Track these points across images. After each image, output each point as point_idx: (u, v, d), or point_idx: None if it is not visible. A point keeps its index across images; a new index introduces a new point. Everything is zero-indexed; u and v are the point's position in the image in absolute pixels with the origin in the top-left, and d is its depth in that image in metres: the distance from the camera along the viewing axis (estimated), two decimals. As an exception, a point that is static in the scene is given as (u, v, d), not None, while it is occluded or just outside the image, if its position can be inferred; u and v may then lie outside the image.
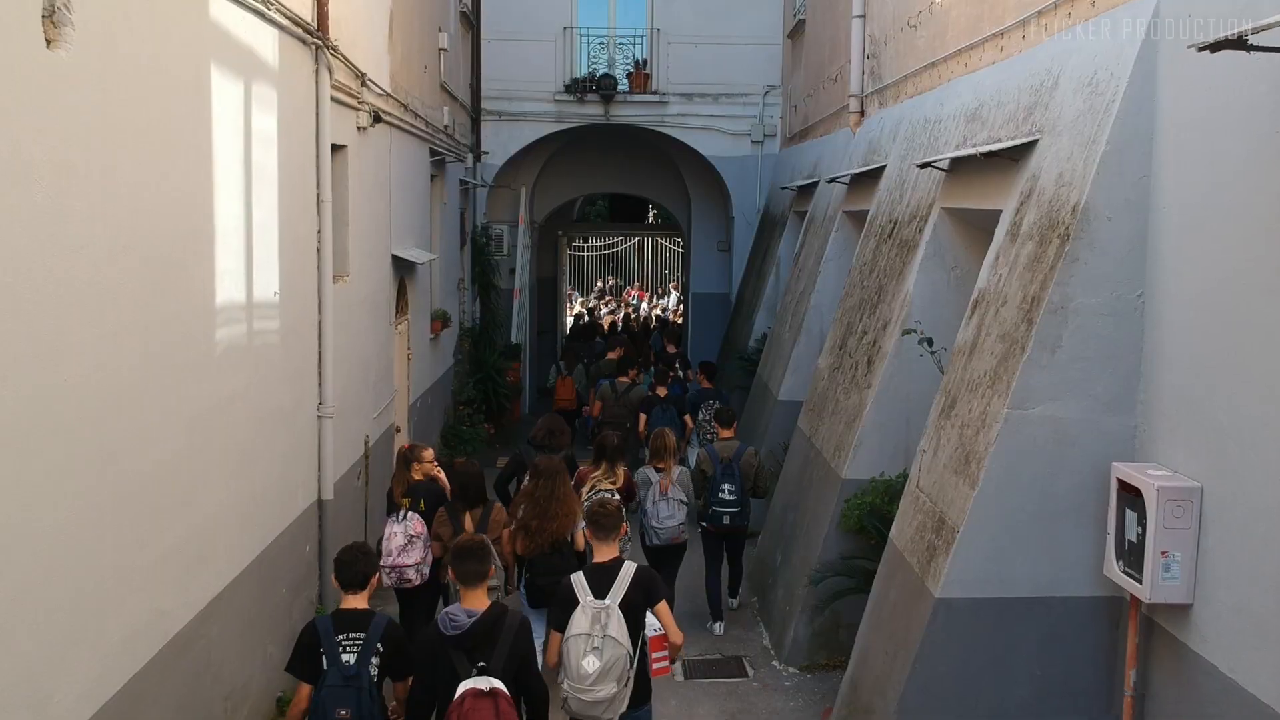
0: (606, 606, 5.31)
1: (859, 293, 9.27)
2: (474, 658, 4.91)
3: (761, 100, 18.11)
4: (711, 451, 9.07)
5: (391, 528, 7.25)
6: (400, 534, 7.19)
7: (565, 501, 7.08)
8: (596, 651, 5.24)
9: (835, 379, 9.12)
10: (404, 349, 11.80)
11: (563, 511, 7.02)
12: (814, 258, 11.94)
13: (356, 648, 4.98)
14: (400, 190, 11.30)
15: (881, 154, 10.10)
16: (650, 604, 5.49)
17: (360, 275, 9.40)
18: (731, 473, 8.82)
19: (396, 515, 7.32)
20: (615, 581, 5.41)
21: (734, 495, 8.80)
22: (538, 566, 7.01)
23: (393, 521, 7.30)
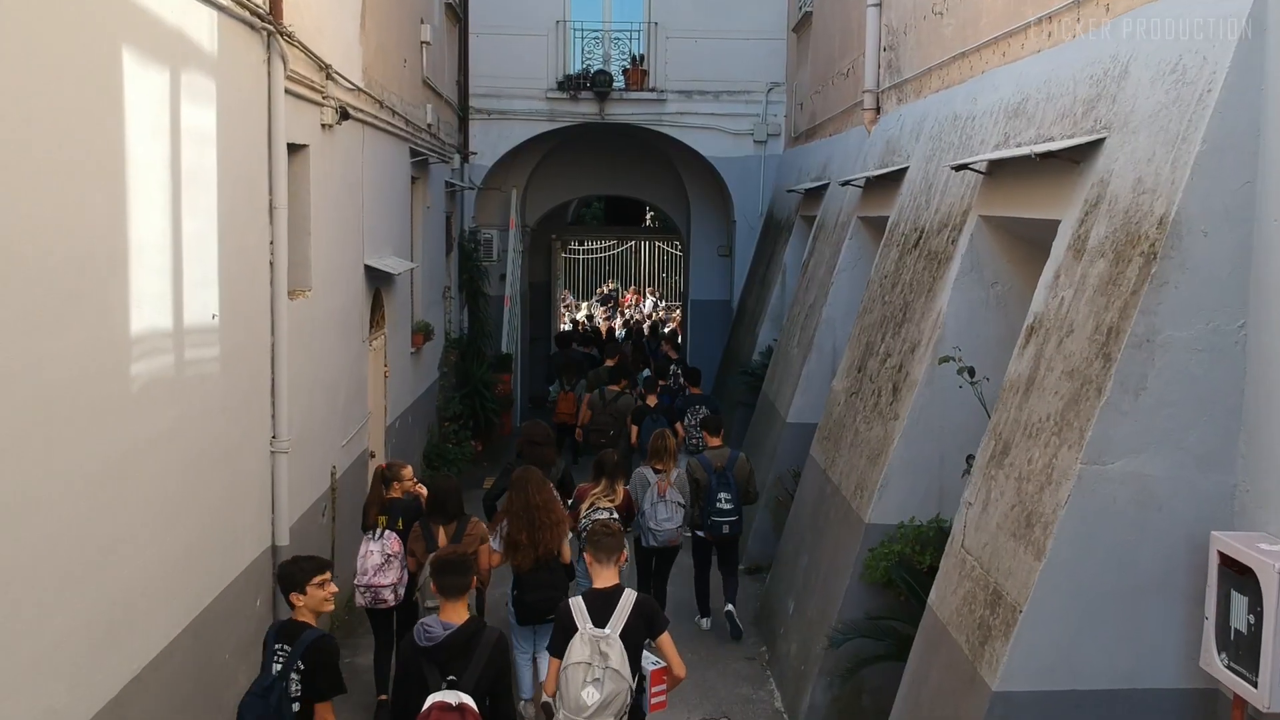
0: (607, 636, 5.14)
1: (880, 309, 8.33)
2: (446, 671, 4.83)
3: (764, 98, 17.17)
4: (704, 460, 8.92)
5: (368, 546, 7.08)
6: (377, 552, 7.04)
7: (550, 510, 6.89)
8: (597, 683, 5.07)
9: (854, 405, 8.18)
10: (380, 366, 10.85)
11: (549, 522, 6.84)
12: (825, 267, 11.00)
13: (283, 659, 4.85)
14: (375, 194, 10.35)
15: (902, 154, 9.17)
16: (652, 635, 5.31)
17: (325, 289, 8.45)
18: (727, 481, 8.74)
19: (373, 533, 7.13)
20: (616, 609, 5.23)
21: (732, 504, 8.74)
22: (526, 583, 6.81)
23: (369, 539, 7.11)
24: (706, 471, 8.83)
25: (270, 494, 7.11)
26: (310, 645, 4.88)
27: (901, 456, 6.87)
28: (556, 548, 6.87)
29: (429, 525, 6.97)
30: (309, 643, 4.88)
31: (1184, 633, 4.43)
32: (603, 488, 7.84)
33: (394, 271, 10.28)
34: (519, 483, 7.03)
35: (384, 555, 7.01)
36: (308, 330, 7.94)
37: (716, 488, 8.74)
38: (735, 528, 8.86)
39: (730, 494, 8.74)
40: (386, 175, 10.95)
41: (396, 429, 11.65)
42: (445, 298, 15.27)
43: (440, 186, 14.66)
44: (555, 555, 6.89)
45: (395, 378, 11.52)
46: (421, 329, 12.81)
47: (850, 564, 7.03)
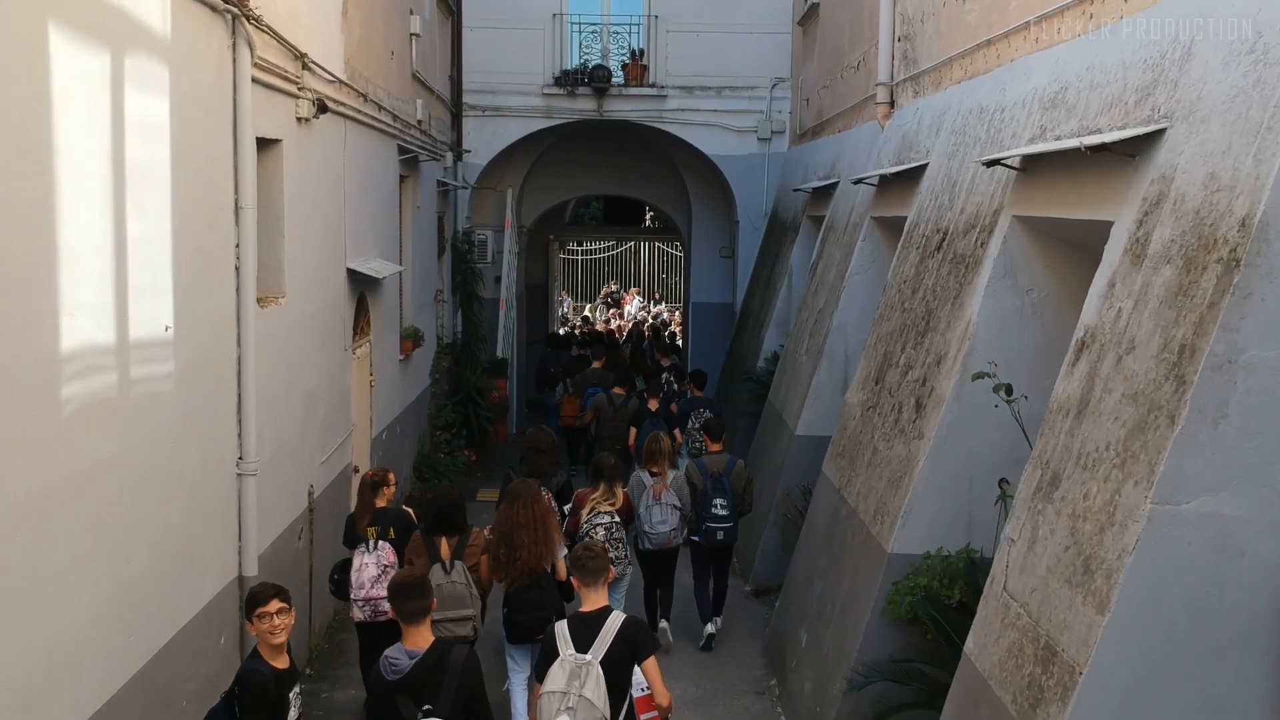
0: (588, 662, 4.99)
1: (898, 316, 7.74)
2: (420, 700, 4.70)
3: (769, 94, 16.57)
4: (701, 465, 8.78)
5: (362, 559, 6.84)
6: (373, 565, 6.82)
7: (534, 529, 6.62)
8: (570, 712, 4.92)
9: (871, 421, 7.58)
10: (365, 375, 10.25)
11: (531, 539, 6.59)
12: (836, 270, 10.41)
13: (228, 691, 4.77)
14: (359, 193, 9.75)
15: (920, 150, 8.57)
16: (637, 659, 5.12)
17: (301, 295, 7.85)
18: (723, 487, 8.61)
19: (366, 545, 6.88)
20: (600, 634, 5.07)
21: (727, 510, 8.59)
22: (514, 601, 6.65)
23: (362, 552, 6.87)
24: (703, 476, 8.67)
25: (237, 520, 6.52)
26: (237, 677, 4.78)
27: (927, 479, 6.26)
28: (540, 565, 6.64)
29: (431, 538, 6.70)
30: (240, 674, 4.77)
31: (1269, 695, 3.83)
32: (602, 492, 7.71)
33: (379, 275, 9.68)
34: (510, 496, 6.88)
35: (380, 567, 6.81)
36: (281, 339, 7.34)
37: (712, 493, 8.58)
38: (730, 534, 8.69)
39: (726, 500, 8.57)
40: (372, 173, 10.36)
41: (384, 441, 11.05)
42: (437, 301, 14.68)
43: (432, 186, 14.06)
44: (546, 573, 6.71)
45: (382, 386, 10.93)
46: (411, 335, 12.22)
47: (871, 597, 6.43)
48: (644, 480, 8.38)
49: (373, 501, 7.12)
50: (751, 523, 10.61)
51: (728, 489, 8.63)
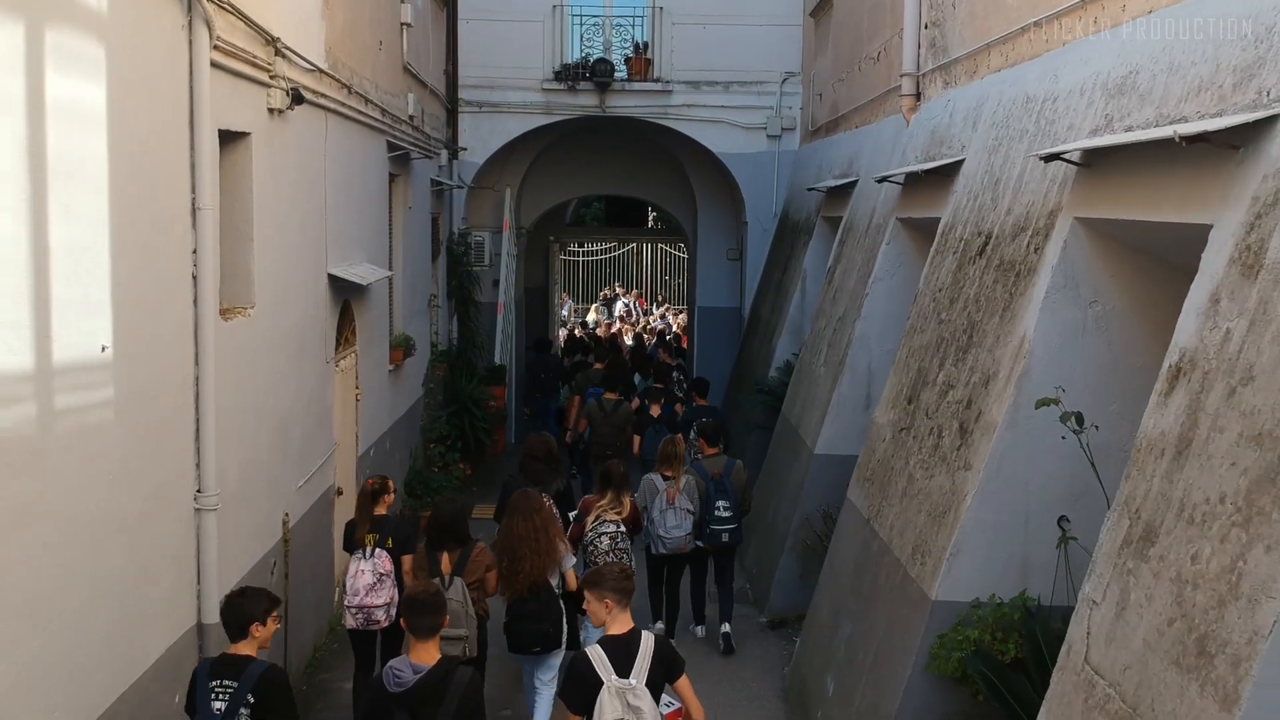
0: (634, 688, 4.87)
1: (934, 328, 6.99)
2: (417, 717, 4.68)
3: (779, 89, 15.83)
4: (700, 469, 8.72)
5: (358, 565, 6.78)
6: (368, 572, 6.74)
7: (535, 540, 6.61)
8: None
9: (904, 444, 6.84)
10: (349, 389, 9.51)
11: (533, 551, 6.59)
12: (856, 275, 9.67)
13: (227, 695, 4.65)
14: (342, 192, 9.02)
15: (954, 145, 7.83)
16: (670, 678, 5.04)
17: (274, 304, 7.11)
18: (724, 489, 8.57)
19: (363, 552, 6.83)
20: (638, 656, 4.95)
21: (730, 512, 8.56)
22: (514, 610, 6.64)
23: (358, 559, 6.82)
24: (704, 480, 8.60)
25: (195, 560, 5.77)
26: (262, 677, 4.69)
27: (976, 517, 5.51)
28: (542, 577, 6.64)
29: (432, 551, 6.58)
30: (259, 675, 4.69)
31: None
32: (609, 500, 7.61)
33: (364, 281, 8.93)
34: (510, 509, 6.85)
35: (375, 575, 6.73)
36: (249, 354, 6.61)
37: (714, 496, 8.52)
38: (735, 536, 8.67)
39: (728, 502, 8.55)
40: (357, 171, 9.62)
41: (371, 458, 10.31)
42: (431, 307, 13.94)
43: (425, 185, 13.32)
44: (547, 583, 6.68)
45: (369, 400, 10.19)
46: (401, 343, 11.48)
47: (911, 649, 5.68)
48: (657, 484, 8.31)
49: (372, 509, 7.05)
50: (768, 549, 9.89)
51: (729, 490, 8.57)
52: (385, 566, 6.77)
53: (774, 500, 10.27)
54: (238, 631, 4.80)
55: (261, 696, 4.66)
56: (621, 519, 7.56)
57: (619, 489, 7.66)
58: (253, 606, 4.83)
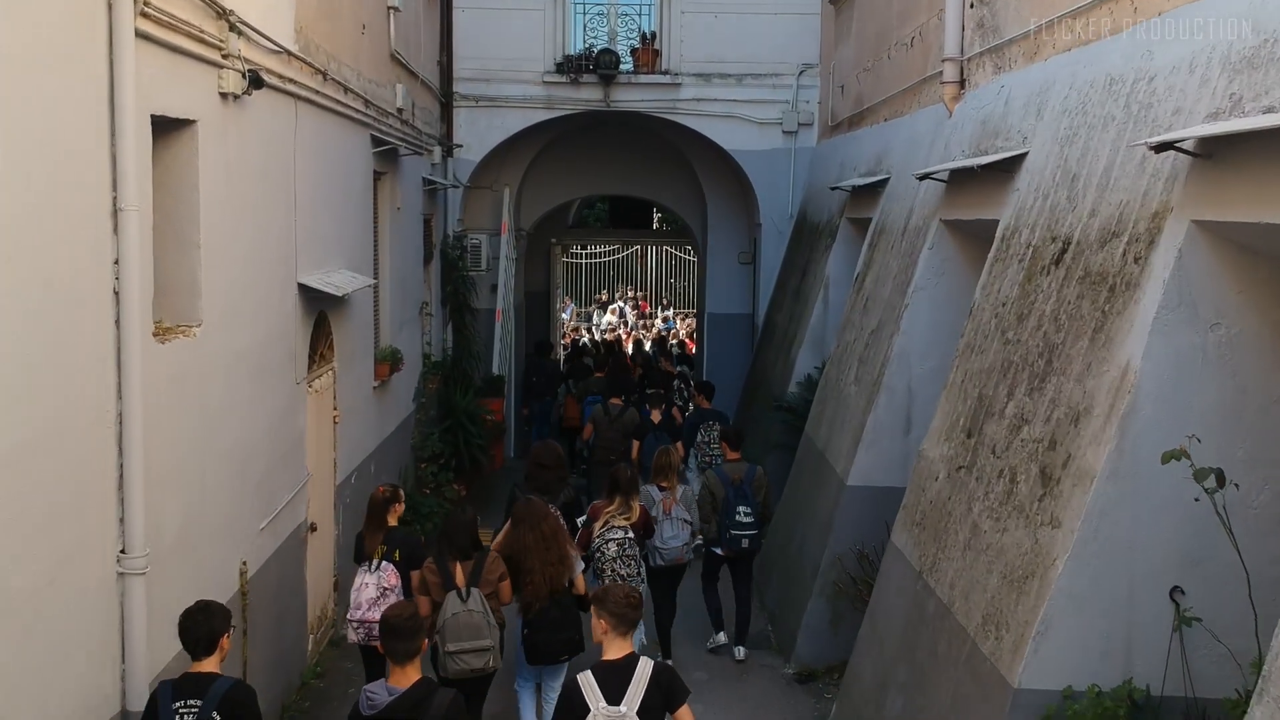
0: (624, 715, 4.68)
1: (999, 349, 5.99)
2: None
3: (795, 82, 14.81)
4: (721, 474, 8.63)
5: (363, 578, 6.60)
6: (373, 585, 6.55)
7: (546, 550, 6.54)
8: None
9: (964, 486, 5.84)
10: (326, 411, 8.51)
11: (543, 562, 6.52)
12: (893, 284, 8.67)
13: (193, 715, 4.44)
14: (317, 191, 8.02)
15: (1011, 137, 6.83)
16: (670, 707, 4.81)
17: (229, 321, 6.12)
18: (744, 494, 8.44)
19: (369, 565, 6.62)
20: (631, 683, 4.73)
21: (751, 518, 8.43)
22: (534, 621, 6.52)
23: (364, 571, 6.62)
24: (724, 485, 8.49)
25: (118, 636, 4.78)
26: (227, 695, 4.51)
27: (1068, 587, 4.51)
28: (559, 585, 6.57)
29: (444, 562, 6.32)
30: (224, 692, 4.50)
31: None
32: (617, 505, 7.50)
33: (340, 292, 7.93)
34: (515, 519, 6.72)
35: (379, 589, 6.53)
36: (195, 381, 5.61)
37: (734, 501, 8.41)
38: (755, 542, 8.51)
39: (749, 507, 8.42)
40: (336, 167, 8.63)
41: (353, 485, 9.31)
42: (423, 315, 12.95)
43: (416, 184, 12.33)
44: (565, 590, 6.62)
45: (350, 421, 9.19)
46: (388, 357, 10.48)
47: (987, 743, 4.69)
48: (653, 495, 8.14)
49: (384, 519, 6.85)
50: (792, 588, 8.88)
51: (750, 496, 8.45)
52: (390, 580, 6.56)
53: (798, 533, 9.27)
54: (205, 648, 4.59)
55: (227, 713, 4.47)
56: (630, 524, 7.43)
57: (628, 494, 7.53)
58: (219, 621, 4.67)
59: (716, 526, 8.42)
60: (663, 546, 8.02)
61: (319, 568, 8.26)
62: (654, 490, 8.18)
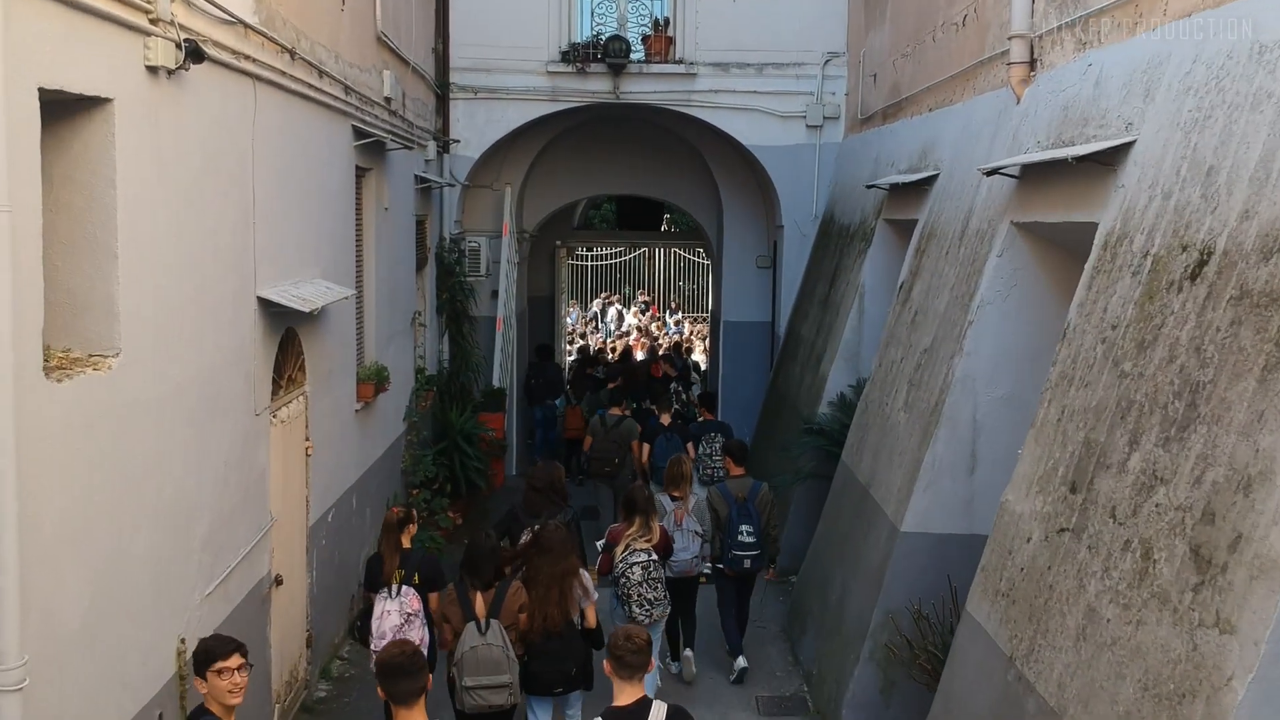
0: None
1: (1111, 385, 4.83)
2: None
3: (820, 72, 13.65)
4: (724, 490, 8.38)
5: (384, 605, 6.39)
6: (395, 612, 6.35)
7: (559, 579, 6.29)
8: None
9: (1071, 555, 4.69)
10: (296, 442, 7.38)
11: (558, 596, 6.28)
12: (948, 296, 7.51)
13: None
14: (283, 188, 6.90)
15: (1109, 123, 5.68)
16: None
17: (160, 346, 4.98)
18: (748, 513, 8.22)
19: (388, 591, 6.43)
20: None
21: (753, 538, 8.20)
22: (535, 650, 6.26)
23: (384, 598, 6.42)
24: (727, 502, 8.27)
25: (-14, 772, 3.65)
26: None
27: (1252, 718, 3.35)
28: (570, 619, 6.37)
29: (464, 591, 6.15)
30: None
31: None
32: (637, 527, 7.28)
33: (308, 307, 6.78)
34: (544, 545, 6.40)
35: (403, 615, 6.34)
36: (108, 425, 4.46)
37: (737, 520, 8.17)
38: (756, 562, 8.33)
39: (752, 526, 8.18)
40: (307, 161, 7.50)
41: (330, 524, 8.19)
42: (415, 325, 11.82)
43: (407, 182, 11.20)
44: (569, 622, 6.37)
45: (327, 452, 8.06)
46: (374, 375, 9.35)
47: None
48: (665, 505, 7.96)
49: (398, 541, 6.62)
50: (834, 647, 7.75)
51: (754, 515, 8.22)
52: (413, 605, 6.37)
53: (838, 580, 8.12)
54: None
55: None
56: (652, 546, 7.25)
57: (646, 514, 7.30)
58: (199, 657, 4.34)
59: (719, 545, 8.17)
60: (673, 559, 7.74)
61: (287, 625, 7.13)
62: (666, 500, 7.98)
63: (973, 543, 6.74)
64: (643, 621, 6.99)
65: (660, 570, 7.25)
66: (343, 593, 8.69)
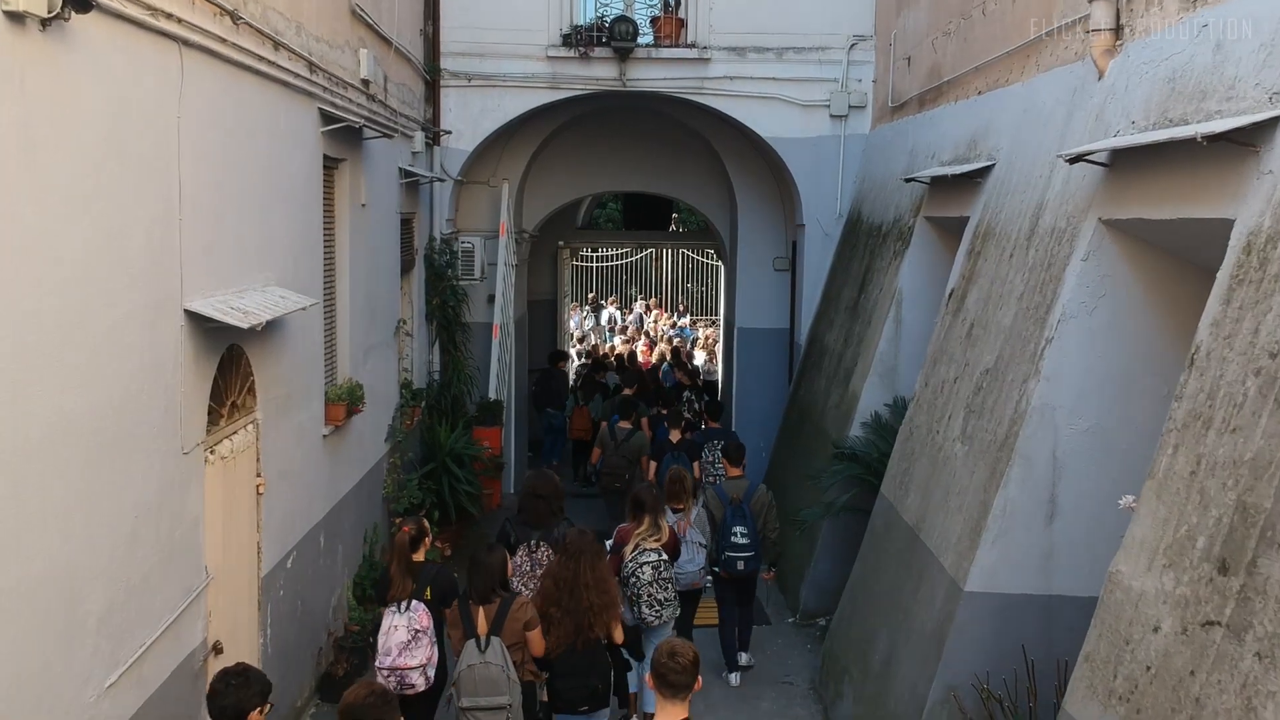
0: None
1: (1275, 432, 3.67)
2: None
3: (845, 56, 12.48)
4: (720, 491, 8.31)
5: (391, 620, 5.99)
6: (403, 628, 5.94)
7: (595, 590, 5.91)
8: None
9: (1230, 663, 3.52)
10: (243, 480, 6.22)
11: (592, 604, 5.89)
12: (1016, 308, 6.34)
13: None
14: (221, 179, 5.75)
15: (1241, 95, 4.52)
16: None
17: (27, 378, 3.83)
18: (742, 514, 8.12)
19: (398, 606, 6.03)
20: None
21: (747, 539, 8.08)
22: (559, 666, 5.91)
23: (393, 613, 6.02)
24: (722, 503, 8.20)
25: None
26: None
27: None
28: (607, 631, 5.99)
29: (467, 606, 5.82)
30: None
31: None
32: (646, 526, 7.09)
33: (247, 323, 5.60)
34: (574, 550, 6.07)
35: (410, 632, 5.95)
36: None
37: (731, 521, 8.09)
38: (751, 564, 8.15)
39: (746, 528, 8.08)
40: (258, 148, 6.35)
41: (290, 572, 7.04)
42: (399, 335, 10.67)
43: (390, 175, 10.06)
44: (597, 637, 5.99)
45: (285, 488, 6.91)
46: (346, 395, 8.19)
47: None
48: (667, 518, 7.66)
49: (410, 560, 6.30)
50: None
51: (748, 515, 8.13)
52: (422, 621, 6.02)
53: (882, 641, 6.95)
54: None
55: None
56: (661, 546, 7.08)
57: (655, 513, 7.13)
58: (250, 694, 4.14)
59: (715, 547, 8.04)
60: (679, 571, 7.48)
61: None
62: (668, 514, 7.69)
63: (1052, 606, 5.62)
64: (652, 623, 6.93)
65: (670, 570, 7.09)
66: (307, 646, 7.54)
